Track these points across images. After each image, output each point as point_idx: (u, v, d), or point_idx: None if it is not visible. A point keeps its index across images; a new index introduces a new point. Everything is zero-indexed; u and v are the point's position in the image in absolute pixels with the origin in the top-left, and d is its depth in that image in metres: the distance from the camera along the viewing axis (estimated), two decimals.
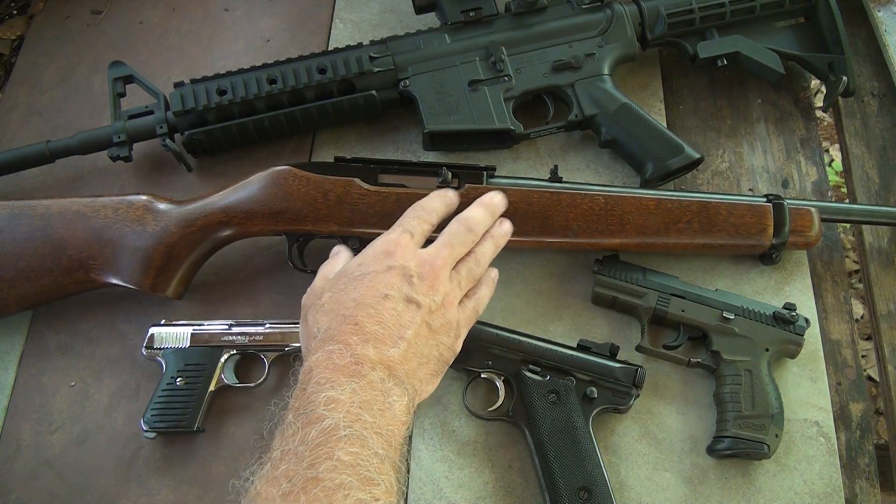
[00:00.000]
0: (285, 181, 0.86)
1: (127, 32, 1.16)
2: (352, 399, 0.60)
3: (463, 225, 0.76)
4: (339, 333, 0.65)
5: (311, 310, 0.70)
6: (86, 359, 0.91)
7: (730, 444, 0.81)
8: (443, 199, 0.79)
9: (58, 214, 0.87)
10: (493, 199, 0.80)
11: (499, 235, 0.80)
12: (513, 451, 0.85)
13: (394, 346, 0.66)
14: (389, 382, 0.64)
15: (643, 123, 0.97)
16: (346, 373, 0.62)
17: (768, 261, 0.91)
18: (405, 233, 0.73)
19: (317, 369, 0.63)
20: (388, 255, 0.71)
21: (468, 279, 0.75)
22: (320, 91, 0.96)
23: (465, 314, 0.74)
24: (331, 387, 0.61)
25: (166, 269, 0.87)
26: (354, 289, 0.69)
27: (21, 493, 0.84)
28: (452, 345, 0.73)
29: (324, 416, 0.59)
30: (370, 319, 0.66)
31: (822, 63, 1.03)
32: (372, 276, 0.69)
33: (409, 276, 0.69)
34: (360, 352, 0.64)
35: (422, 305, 0.69)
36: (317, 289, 0.73)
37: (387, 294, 0.68)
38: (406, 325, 0.67)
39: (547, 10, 1.00)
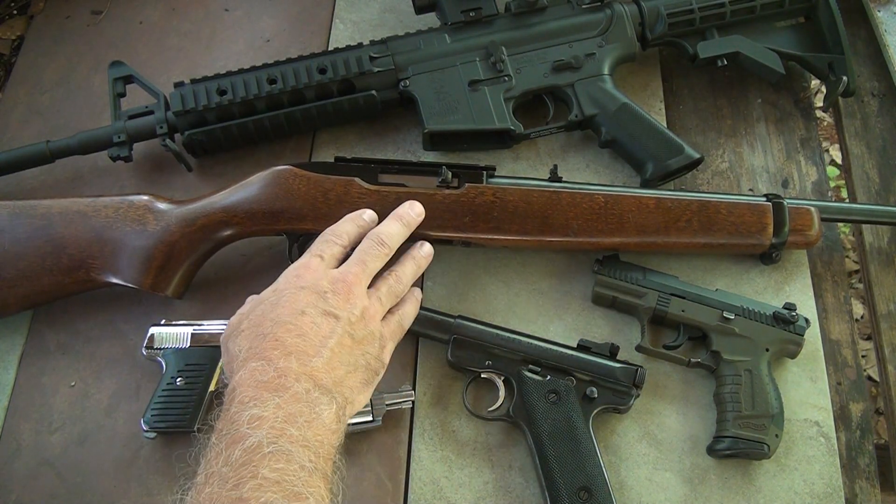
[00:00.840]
0: (286, 181, 0.86)
1: (127, 32, 1.16)
2: (276, 414, 0.60)
3: (374, 240, 0.77)
4: (260, 350, 0.65)
5: (230, 339, 0.70)
6: (86, 359, 0.91)
7: (730, 444, 0.81)
8: (353, 221, 0.80)
9: (58, 214, 0.87)
10: (408, 211, 0.82)
11: (419, 257, 0.82)
12: (513, 451, 0.85)
13: (316, 355, 0.66)
14: (315, 392, 0.63)
15: (643, 123, 0.97)
16: (269, 388, 0.62)
17: (768, 260, 0.91)
18: (314, 256, 0.75)
19: (240, 388, 0.62)
20: (298, 277, 0.72)
21: (389, 296, 0.76)
22: (320, 91, 0.96)
23: (389, 328, 0.76)
24: (254, 404, 0.60)
25: (167, 269, 0.87)
26: (272, 310, 0.69)
27: (21, 493, 0.84)
28: (379, 355, 0.73)
29: (247, 435, 0.58)
30: (290, 334, 0.66)
31: (822, 63, 1.03)
32: (287, 297, 0.70)
33: (322, 292, 0.70)
34: (283, 365, 0.64)
35: (340, 317, 0.69)
36: (234, 323, 0.72)
37: (303, 310, 0.68)
38: (327, 336, 0.68)
39: (547, 10, 1.00)
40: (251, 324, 0.69)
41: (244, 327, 0.69)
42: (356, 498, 0.83)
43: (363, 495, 0.83)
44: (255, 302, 0.72)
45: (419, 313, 0.87)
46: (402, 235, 0.80)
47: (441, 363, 0.89)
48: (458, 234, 0.86)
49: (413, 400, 0.86)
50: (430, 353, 0.90)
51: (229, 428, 0.60)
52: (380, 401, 0.84)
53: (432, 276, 0.94)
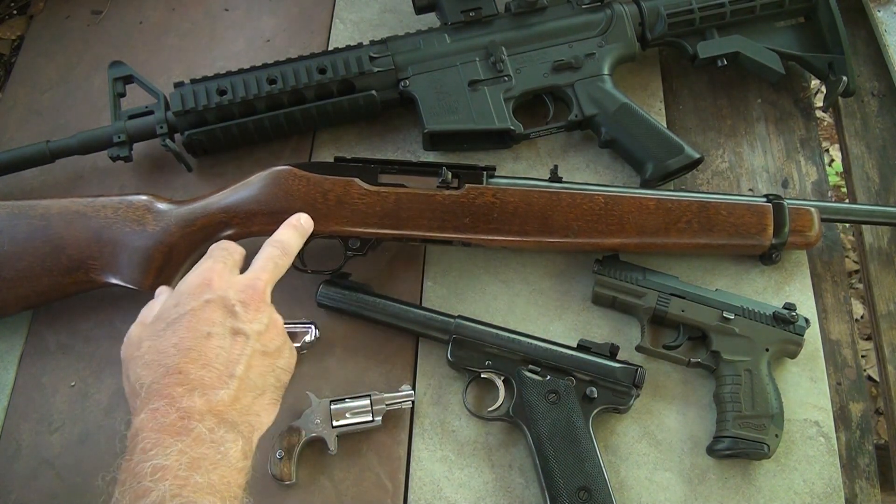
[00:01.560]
0: (285, 181, 0.86)
1: (127, 32, 1.16)
2: (179, 461, 0.57)
3: (278, 248, 0.74)
4: (162, 387, 0.61)
5: (132, 363, 0.65)
6: (86, 359, 0.91)
7: (730, 445, 0.81)
8: None
9: (57, 214, 0.86)
10: (300, 220, 0.79)
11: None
12: (513, 451, 0.85)
13: (223, 386, 0.62)
14: (220, 430, 0.60)
15: (643, 123, 0.97)
16: (171, 432, 0.58)
17: (768, 261, 0.91)
18: (217, 262, 0.70)
19: (143, 432, 0.59)
20: (205, 286, 0.67)
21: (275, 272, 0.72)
22: (320, 91, 0.96)
23: None
24: (156, 452, 0.57)
25: (166, 269, 0.87)
26: (174, 332, 0.64)
27: (21, 493, 0.84)
28: (287, 363, 0.69)
29: (150, 490, 0.56)
30: (194, 364, 0.62)
31: (822, 63, 1.03)
32: (191, 314, 0.65)
33: (230, 305, 0.65)
34: (186, 405, 0.60)
35: (249, 335, 0.65)
36: (133, 338, 0.67)
37: (209, 332, 0.63)
38: (235, 361, 0.64)
39: (547, 10, 1.00)
40: (152, 349, 0.64)
41: (144, 350, 0.64)
42: (356, 498, 0.83)
43: (363, 495, 0.83)
44: (157, 318, 0.67)
45: (419, 313, 0.87)
46: (298, 245, 0.77)
47: (441, 363, 0.89)
48: (457, 235, 0.86)
49: (413, 400, 0.86)
50: (430, 353, 0.90)
51: (132, 481, 0.57)
52: (380, 401, 0.84)
53: (432, 276, 0.94)
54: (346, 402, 0.84)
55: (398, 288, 0.93)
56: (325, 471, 0.84)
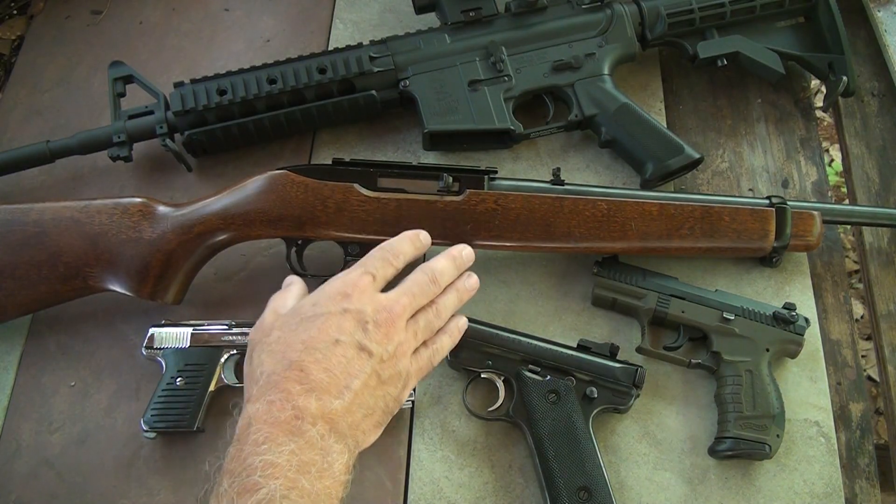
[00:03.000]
0: (283, 187, 0.84)
1: (127, 32, 1.16)
2: (290, 462, 0.58)
3: (427, 275, 0.73)
4: (282, 380, 0.62)
5: (258, 347, 0.67)
6: (86, 359, 0.91)
7: (731, 445, 0.81)
8: (412, 242, 0.76)
9: (51, 220, 0.85)
10: (461, 252, 0.77)
11: (463, 290, 0.77)
12: (513, 451, 0.85)
13: (338, 396, 0.63)
14: (330, 439, 0.61)
15: (643, 123, 0.97)
16: (285, 429, 0.60)
17: (769, 264, 0.92)
18: (366, 274, 0.70)
19: (255, 423, 0.60)
20: (345, 296, 0.68)
21: (425, 330, 0.72)
22: (320, 91, 0.96)
23: (417, 364, 0.71)
24: (268, 448, 0.58)
25: (164, 277, 0.86)
26: (305, 330, 0.66)
27: (21, 493, 0.84)
28: (399, 395, 0.70)
29: (260, 485, 0.56)
30: (317, 365, 0.63)
31: (822, 63, 1.03)
32: (325, 317, 0.66)
33: (364, 321, 0.66)
34: (302, 404, 0.61)
35: (373, 354, 0.66)
36: (266, 324, 0.69)
37: (338, 339, 0.65)
38: (354, 375, 0.65)
39: (547, 10, 1.00)
40: (280, 339, 0.66)
41: (273, 339, 0.66)
42: (356, 498, 0.82)
43: (363, 495, 0.83)
44: (293, 311, 0.68)
45: None
46: (452, 276, 0.76)
47: (441, 363, 0.88)
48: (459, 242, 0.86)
49: (413, 400, 0.86)
50: None
51: (241, 472, 0.58)
52: None
53: None
54: None
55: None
56: None
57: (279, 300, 0.72)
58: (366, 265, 0.71)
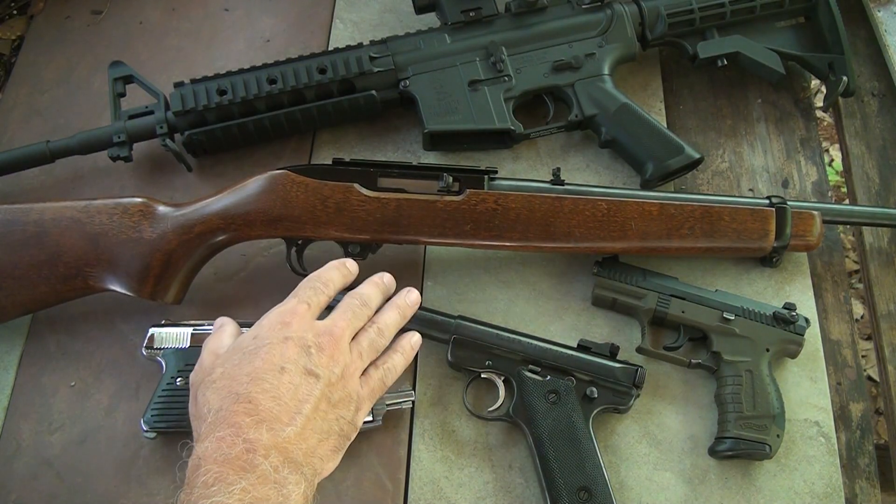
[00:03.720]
0: (283, 187, 0.84)
1: (127, 32, 1.16)
2: (242, 501, 0.56)
3: (357, 299, 0.73)
4: (230, 415, 0.61)
5: (202, 387, 0.66)
6: (86, 359, 0.91)
7: (732, 445, 0.81)
8: (339, 270, 0.76)
9: (52, 220, 0.85)
10: (382, 279, 0.78)
11: (404, 305, 0.77)
12: (513, 451, 0.85)
13: (290, 423, 0.62)
14: (284, 470, 0.60)
15: (643, 123, 0.97)
16: (235, 466, 0.58)
17: (769, 263, 0.92)
18: (301, 303, 0.70)
19: (205, 464, 0.58)
20: (284, 325, 0.68)
21: (370, 350, 0.72)
22: (320, 91, 0.96)
23: (369, 386, 0.71)
24: (218, 489, 0.56)
25: (165, 277, 0.86)
26: (249, 362, 0.65)
27: (21, 493, 0.84)
28: (353, 419, 0.69)
29: None
30: (265, 395, 0.62)
31: (822, 63, 1.03)
32: (268, 347, 0.66)
33: (306, 346, 0.66)
34: (253, 436, 0.59)
35: (321, 378, 0.65)
36: (206, 365, 0.68)
37: (283, 367, 0.64)
38: (303, 400, 0.64)
39: (547, 10, 1.00)
40: (225, 376, 0.65)
41: (216, 377, 0.65)
42: (356, 498, 0.83)
43: (363, 495, 0.83)
44: (234, 348, 0.68)
45: (419, 313, 0.87)
46: (380, 301, 0.76)
47: (441, 363, 0.89)
48: (459, 242, 0.86)
49: (413, 400, 0.86)
50: (430, 353, 0.90)
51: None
52: (380, 401, 0.84)
53: (432, 276, 0.94)
54: None
55: (398, 288, 0.92)
56: None
57: (214, 341, 0.71)
58: (298, 296, 0.71)
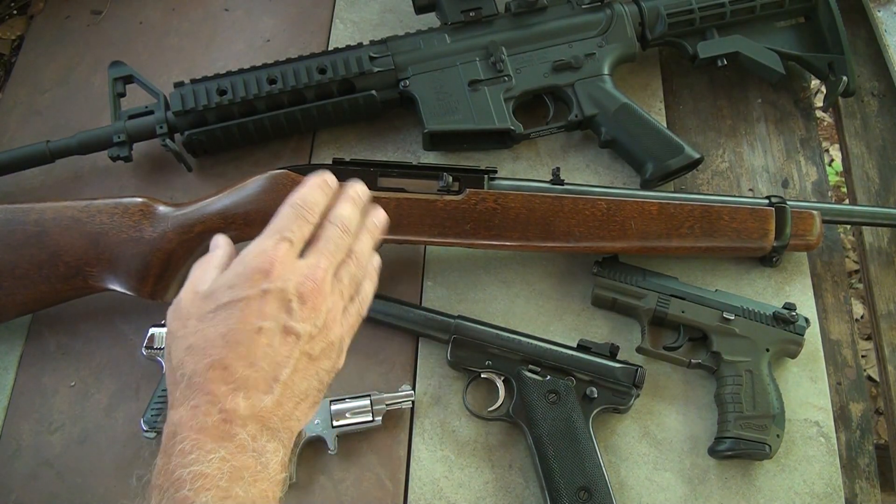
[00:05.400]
0: (283, 186, 0.84)
1: (127, 32, 1.16)
2: (221, 470, 0.55)
3: (339, 225, 0.65)
4: (205, 382, 0.58)
5: (175, 341, 0.62)
6: (86, 359, 0.91)
7: (731, 445, 0.81)
8: (322, 189, 0.67)
9: (52, 220, 0.85)
10: (357, 192, 0.69)
11: (374, 228, 0.69)
12: (513, 451, 0.85)
13: (268, 391, 0.59)
14: (262, 439, 0.58)
15: (643, 123, 0.97)
16: (213, 435, 0.56)
17: (768, 263, 0.92)
18: (283, 241, 0.62)
19: (182, 432, 0.56)
20: (264, 274, 0.61)
21: (351, 285, 0.66)
22: (320, 91, 0.96)
23: (348, 323, 0.66)
24: (196, 457, 0.55)
25: (165, 276, 0.86)
26: (224, 320, 0.60)
27: (21, 493, 0.84)
28: (333, 365, 0.65)
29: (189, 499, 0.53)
30: (241, 361, 0.58)
31: (822, 63, 1.03)
32: (245, 302, 0.60)
33: (287, 300, 0.61)
34: (230, 406, 0.57)
35: (301, 335, 0.61)
36: (183, 308, 0.62)
37: (261, 327, 0.59)
38: (282, 364, 0.60)
39: (547, 10, 1.00)
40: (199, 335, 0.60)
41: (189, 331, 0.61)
42: (356, 498, 0.83)
43: (363, 495, 0.83)
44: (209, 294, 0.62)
45: (419, 313, 0.87)
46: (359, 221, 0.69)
47: (441, 363, 0.89)
48: (459, 241, 0.86)
49: (413, 400, 0.86)
50: (430, 353, 0.90)
51: (170, 488, 0.55)
52: (380, 401, 0.84)
53: (432, 276, 0.94)
54: (346, 402, 0.84)
55: (398, 288, 0.93)
56: (324, 471, 0.84)
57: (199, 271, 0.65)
58: (280, 230, 0.63)
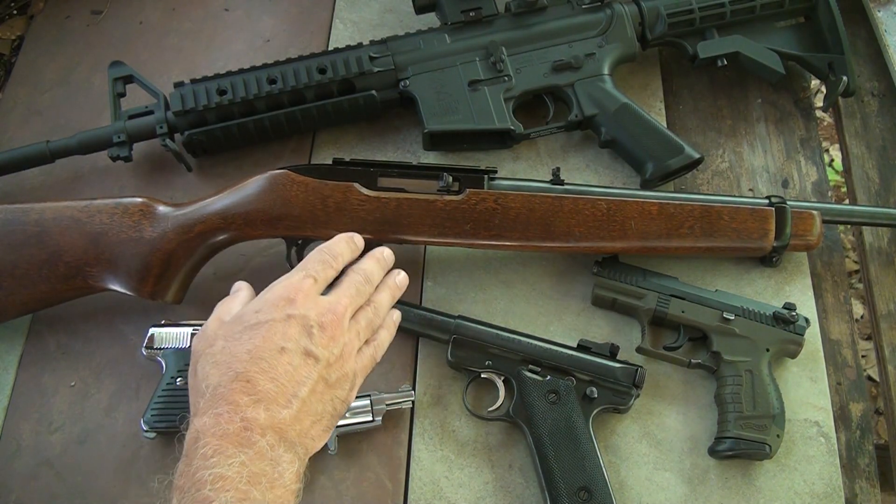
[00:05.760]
0: (283, 186, 0.84)
1: (127, 32, 1.16)
2: (240, 473, 0.57)
3: (360, 275, 0.73)
4: (228, 392, 0.61)
5: (202, 359, 0.66)
6: (86, 359, 0.91)
7: (731, 445, 0.81)
8: (348, 244, 0.75)
9: (52, 220, 0.85)
10: (383, 254, 0.77)
11: (394, 286, 0.77)
12: (513, 451, 0.85)
13: (286, 405, 0.63)
14: (280, 449, 0.61)
15: (643, 123, 0.97)
16: (234, 441, 0.59)
17: (768, 263, 0.92)
18: (308, 277, 0.69)
19: (204, 437, 0.59)
20: (288, 301, 0.67)
21: (367, 328, 0.72)
22: (320, 91, 0.96)
23: (362, 363, 0.71)
24: (217, 461, 0.58)
25: (165, 276, 0.86)
26: (249, 339, 0.65)
27: (21, 493, 0.84)
28: (346, 397, 0.69)
29: (210, 499, 0.56)
30: (263, 375, 0.62)
31: (822, 63, 1.03)
32: (269, 324, 0.65)
33: (308, 326, 0.66)
34: (251, 415, 0.60)
35: (320, 359, 0.66)
36: (209, 333, 0.68)
37: (283, 347, 0.64)
38: (301, 382, 0.64)
39: (547, 10, 1.00)
40: (224, 350, 0.65)
41: (217, 349, 0.65)
42: (356, 498, 0.83)
43: (363, 495, 0.83)
44: (236, 319, 0.67)
45: (419, 313, 0.87)
46: (380, 277, 0.76)
47: (441, 363, 0.89)
48: (459, 241, 0.86)
49: (413, 400, 0.86)
50: (430, 353, 0.90)
51: (191, 488, 0.57)
52: (380, 401, 0.84)
53: (432, 276, 0.94)
54: None
55: None
56: (325, 471, 0.84)
57: (224, 307, 0.71)
58: (307, 269, 0.70)
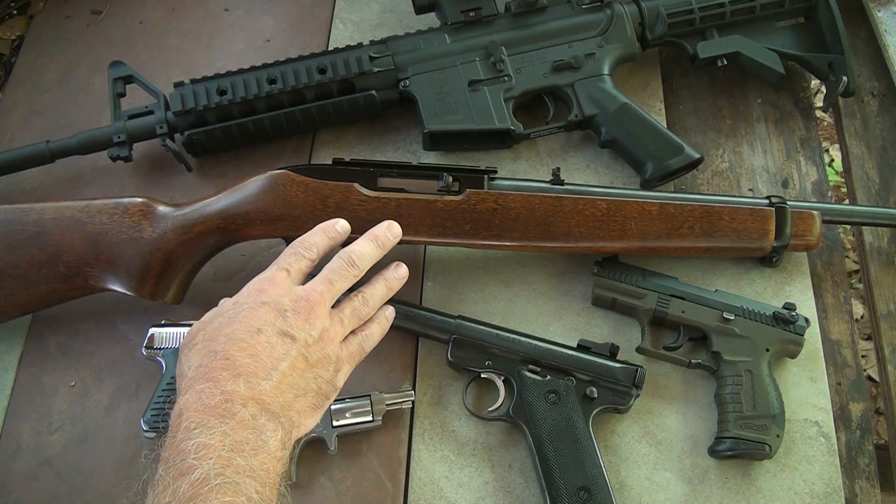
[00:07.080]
0: (283, 187, 0.84)
1: (127, 32, 1.16)
2: (223, 442, 0.59)
3: (344, 259, 0.73)
4: (209, 370, 0.64)
5: (184, 351, 0.69)
6: (86, 359, 0.91)
7: (731, 445, 0.81)
8: (326, 233, 0.76)
9: (52, 220, 0.85)
10: (385, 231, 0.78)
11: (392, 279, 0.78)
12: (513, 451, 0.85)
13: (266, 377, 0.64)
14: (262, 418, 0.62)
15: (643, 123, 0.97)
16: (216, 413, 0.61)
17: (768, 263, 0.92)
18: (280, 270, 0.72)
19: (186, 412, 0.61)
20: (261, 292, 0.70)
21: (352, 318, 0.73)
22: (320, 91, 0.96)
23: (348, 350, 0.73)
24: (200, 432, 0.59)
25: (165, 276, 0.86)
26: (228, 325, 0.67)
27: (21, 493, 0.84)
28: (332, 379, 0.70)
29: (194, 467, 0.57)
30: (242, 353, 0.65)
31: (822, 63, 1.03)
32: (246, 311, 0.68)
33: (282, 310, 0.68)
34: (231, 388, 0.62)
35: (297, 339, 0.67)
36: (193, 332, 0.70)
37: (259, 328, 0.67)
38: (280, 358, 0.66)
39: (547, 10, 1.00)
40: (205, 337, 0.67)
41: (198, 340, 0.68)
42: (356, 498, 0.83)
43: (363, 495, 0.83)
44: (214, 313, 0.70)
45: (419, 313, 0.87)
46: (375, 257, 0.77)
47: (441, 363, 0.89)
48: (459, 242, 0.86)
49: (413, 400, 0.86)
50: (430, 353, 0.90)
51: (176, 458, 0.58)
52: (380, 401, 0.84)
53: (432, 276, 0.94)
54: (346, 402, 0.84)
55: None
56: (325, 471, 0.84)
57: (208, 315, 0.73)
58: (279, 262, 0.73)
